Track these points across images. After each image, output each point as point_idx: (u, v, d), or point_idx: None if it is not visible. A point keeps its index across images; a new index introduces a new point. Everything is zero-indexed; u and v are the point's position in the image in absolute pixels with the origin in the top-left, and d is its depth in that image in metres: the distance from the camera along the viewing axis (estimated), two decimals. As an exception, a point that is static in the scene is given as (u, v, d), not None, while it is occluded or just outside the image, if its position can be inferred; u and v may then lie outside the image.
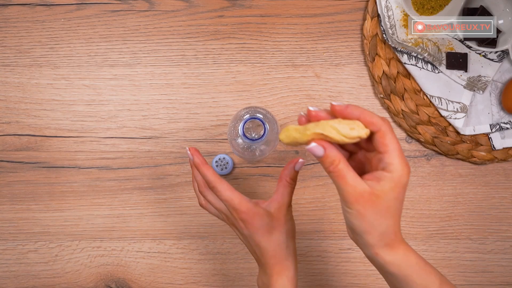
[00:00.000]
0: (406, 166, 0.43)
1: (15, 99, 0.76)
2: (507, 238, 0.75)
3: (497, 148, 0.74)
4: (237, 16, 0.76)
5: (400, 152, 0.43)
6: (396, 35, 0.73)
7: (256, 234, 0.54)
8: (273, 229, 0.55)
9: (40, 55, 0.76)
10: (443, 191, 0.76)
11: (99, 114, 0.75)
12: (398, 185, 0.43)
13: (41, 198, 0.75)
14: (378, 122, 0.43)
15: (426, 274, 0.47)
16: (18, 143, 0.75)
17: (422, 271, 0.47)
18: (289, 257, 0.56)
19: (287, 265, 0.55)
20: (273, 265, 0.55)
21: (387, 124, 0.44)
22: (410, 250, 0.47)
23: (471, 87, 0.74)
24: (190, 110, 0.76)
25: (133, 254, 0.76)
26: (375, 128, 0.43)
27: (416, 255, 0.47)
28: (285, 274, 0.55)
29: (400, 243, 0.46)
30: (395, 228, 0.45)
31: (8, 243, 0.76)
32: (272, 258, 0.55)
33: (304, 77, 0.76)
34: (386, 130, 0.43)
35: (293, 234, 0.57)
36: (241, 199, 0.53)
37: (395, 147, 0.43)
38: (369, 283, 0.76)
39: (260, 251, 0.55)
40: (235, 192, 0.54)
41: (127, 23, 0.76)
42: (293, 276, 0.56)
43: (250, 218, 0.53)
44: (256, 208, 0.54)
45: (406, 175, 0.43)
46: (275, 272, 0.55)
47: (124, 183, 0.76)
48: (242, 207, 0.53)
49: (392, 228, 0.45)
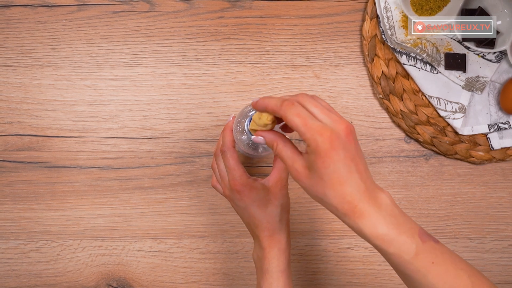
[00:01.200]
0: (318, 134, 0.42)
1: (17, 100, 0.76)
2: (505, 237, 0.76)
3: (495, 148, 0.75)
4: (237, 17, 0.76)
5: (304, 126, 0.43)
6: (395, 36, 0.74)
7: (252, 206, 0.57)
8: (268, 202, 0.58)
9: (41, 56, 0.76)
10: (441, 191, 0.76)
11: (101, 114, 0.76)
12: (320, 155, 0.42)
13: (43, 198, 0.76)
14: (274, 108, 0.46)
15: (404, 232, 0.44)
16: (20, 143, 0.76)
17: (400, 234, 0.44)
18: (282, 230, 0.58)
19: (279, 238, 0.58)
20: (266, 237, 0.58)
21: (286, 105, 0.44)
22: (380, 216, 0.43)
23: (469, 87, 0.74)
24: (190, 111, 0.76)
25: (134, 253, 0.76)
26: (277, 114, 0.45)
27: (389, 218, 0.44)
28: (277, 246, 0.58)
29: (367, 210, 0.43)
30: (346, 195, 0.43)
31: (10, 242, 0.76)
32: (266, 230, 0.58)
33: (303, 78, 0.76)
34: (284, 112, 0.44)
35: (287, 209, 0.60)
36: (243, 172, 0.57)
37: (297, 123, 0.43)
38: (368, 282, 0.76)
39: (254, 223, 0.58)
40: (240, 165, 0.57)
41: (128, 24, 0.76)
42: (285, 248, 0.58)
43: (248, 190, 0.57)
44: (254, 183, 0.57)
45: (323, 143, 0.42)
46: (267, 244, 0.58)
47: (125, 183, 0.76)
48: (242, 179, 0.56)
49: (340, 197, 0.43)
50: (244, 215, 0.59)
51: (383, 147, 0.76)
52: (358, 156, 0.44)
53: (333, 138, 0.42)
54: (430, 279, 0.44)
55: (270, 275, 0.57)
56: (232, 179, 0.57)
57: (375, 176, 0.76)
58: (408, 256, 0.44)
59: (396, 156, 0.76)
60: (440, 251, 0.45)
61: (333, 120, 0.44)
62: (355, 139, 0.44)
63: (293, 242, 0.76)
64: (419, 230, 0.45)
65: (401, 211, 0.45)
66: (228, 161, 0.57)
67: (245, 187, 0.56)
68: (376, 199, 0.44)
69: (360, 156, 0.44)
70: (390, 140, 0.76)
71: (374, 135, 0.76)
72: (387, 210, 0.44)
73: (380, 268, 0.76)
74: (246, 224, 0.60)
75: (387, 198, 0.45)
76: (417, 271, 0.44)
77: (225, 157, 0.57)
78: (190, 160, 0.76)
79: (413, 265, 0.44)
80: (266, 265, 0.58)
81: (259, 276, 0.59)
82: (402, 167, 0.76)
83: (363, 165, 0.44)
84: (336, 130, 0.43)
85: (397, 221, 0.44)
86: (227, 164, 0.57)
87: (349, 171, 0.43)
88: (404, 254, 0.44)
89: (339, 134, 0.43)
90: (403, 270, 0.45)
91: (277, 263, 0.57)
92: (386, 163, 0.76)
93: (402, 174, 0.76)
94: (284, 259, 0.58)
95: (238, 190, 0.57)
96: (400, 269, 0.45)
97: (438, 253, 0.44)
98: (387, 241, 0.43)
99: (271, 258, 0.57)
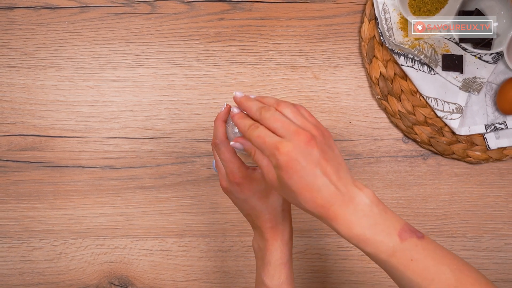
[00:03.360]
0: (275, 149, 0.44)
1: (21, 100, 0.77)
2: (502, 236, 0.77)
3: (492, 148, 0.76)
4: (237, 19, 0.77)
5: (263, 144, 0.46)
6: (393, 37, 0.75)
7: (252, 198, 0.55)
8: (270, 192, 0.55)
9: (44, 57, 0.77)
10: (439, 190, 0.77)
11: (103, 115, 0.77)
12: (281, 168, 0.44)
13: (46, 197, 0.77)
14: (242, 130, 0.49)
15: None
16: (23, 143, 0.77)
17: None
18: (284, 221, 0.56)
19: (282, 229, 0.56)
20: (268, 229, 0.56)
21: (250, 130, 0.47)
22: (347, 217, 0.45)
23: (466, 88, 0.75)
24: (191, 111, 0.77)
25: (136, 251, 0.77)
26: (244, 136, 0.49)
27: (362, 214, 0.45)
28: (280, 237, 0.56)
29: (340, 212, 0.44)
30: (317, 199, 0.44)
31: (13, 241, 0.77)
32: (268, 221, 0.56)
33: (303, 79, 0.77)
34: (248, 137, 0.48)
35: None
36: (241, 164, 0.54)
37: (257, 143, 0.46)
38: (367, 280, 0.77)
39: (255, 215, 0.56)
40: (236, 156, 0.54)
41: (130, 25, 0.77)
42: (288, 240, 0.56)
43: (248, 182, 0.54)
44: (254, 173, 0.55)
45: (280, 156, 0.44)
46: (270, 235, 0.56)
47: (127, 182, 0.77)
48: (241, 172, 0.54)
49: (312, 202, 0.44)
50: (244, 207, 0.56)
51: (381, 147, 0.77)
52: (324, 160, 0.44)
53: (290, 150, 0.44)
54: (409, 275, 0.44)
55: (272, 267, 0.56)
56: (230, 172, 0.54)
57: (373, 176, 0.77)
58: (384, 255, 0.44)
59: (394, 156, 0.77)
60: (422, 248, 0.45)
61: (292, 132, 0.45)
62: (319, 144, 0.45)
63: (293, 242, 0.77)
64: (401, 227, 0.45)
65: (383, 209, 0.45)
66: (223, 154, 0.54)
67: (245, 179, 0.54)
68: (352, 199, 0.45)
69: (328, 158, 0.45)
70: (388, 140, 0.77)
71: (372, 135, 0.77)
72: (364, 210, 0.44)
73: (378, 266, 0.77)
74: (245, 216, 0.58)
75: (366, 197, 0.45)
76: (396, 268, 0.45)
77: (220, 150, 0.54)
78: (191, 160, 0.77)
79: (391, 263, 0.44)
80: (268, 257, 0.56)
81: (259, 266, 0.57)
82: (400, 166, 0.77)
83: (333, 167, 0.45)
84: (294, 141, 0.44)
85: (374, 221, 0.44)
86: (223, 158, 0.54)
87: (314, 177, 0.44)
88: (381, 253, 0.44)
89: (298, 144, 0.44)
90: (382, 267, 0.46)
91: (280, 255, 0.56)
92: (384, 163, 0.77)
93: (400, 173, 0.77)
94: (286, 251, 0.56)
95: (237, 182, 0.54)
96: (380, 266, 0.46)
97: (420, 250, 0.44)
98: (363, 241, 0.44)
99: (274, 250, 0.56)
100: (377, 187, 0.77)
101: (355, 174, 0.77)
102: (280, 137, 0.45)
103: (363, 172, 0.77)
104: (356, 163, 0.77)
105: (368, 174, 0.77)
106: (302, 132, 0.45)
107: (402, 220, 0.46)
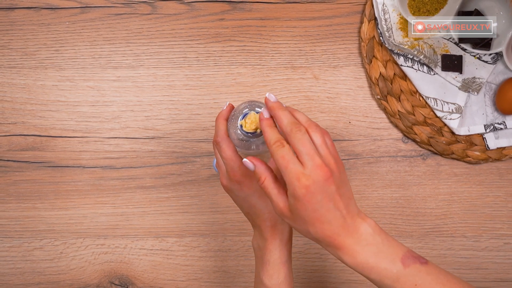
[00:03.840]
0: (296, 179, 0.45)
1: (21, 100, 0.77)
2: (501, 236, 0.77)
3: (491, 148, 0.76)
4: (237, 19, 0.77)
5: (285, 168, 0.46)
6: (393, 37, 0.75)
7: (253, 196, 0.55)
8: None
9: (45, 57, 0.77)
10: (438, 190, 0.77)
11: (103, 115, 0.77)
12: (298, 199, 0.45)
13: (46, 197, 0.77)
14: (266, 140, 0.48)
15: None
16: (24, 143, 0.77)
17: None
18: (284, 220, 0.56)
19: (281, 228, 0.56)
20: (268, 228, 0.56)
21: (276, 146, 0.47)
22: (358, 249, 0.47)
23: (466, 88, 0.75)
24: (191, 111, 0.77)
25: (136, 251, 0.77)
26: (267, 147, 0.48)
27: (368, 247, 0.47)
28: (279, 237, 0.56)
29: (346, 242, 0.47)
30: (326, 231, 0.46)
31: (14, 240, 0.77)
32: (267, 220, 0.56)
33: (302, 79, 0.77)
34: (272, 152, 0.47)
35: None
36: (241, 162, 0.54)
37: (280, 164, 0.46)
38: (366, 280, 0.77)
39: (255, 213, 0.56)
40: (237, 154, 0.54)
41: (130, 26, 0.77)
42: (287, 239, 0.57)
43: (248, 180, 0.54)
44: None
45: (299, 188, 0.45)
46: (269, 235, 0.56)
47: (127, 182, 0.77)
48: (242, 170, 0.54)
49: (321, 233, 0.46)
50: (244, 206, 0.57)
51: (381, 147, 0.77)
52: (338, 195, 0.46)
53: (309, 184, 0.45)
54: None
55: (271, 267, 0.56)
56: (231, 170, 0.54)
57: (373, 176, 0.77)
58: (389, 281, 0.46)
59: (394, 156, 0.77)
60: (426, 273, 0.46)
61: (315, 165, 0.45)
62: (335, 180, 0.46)
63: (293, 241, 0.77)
64: (404, 254, 0.47)
65: (385, 237, 0.48)
66: (224, 152, 0.54)
67: (245, 177, 0.54)
68: (357, 230, 0.47)
69: (341, 193, 0.47)
70: (388, 140, 0.77)
71: (372, 135, 0.77)
72: (367, 239, 0.47)
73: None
74: (245, 214, 0.58)
75: (369, 227, 0.47)
76: None
77: (220, 148, 0.54)
78: (191, 160, 0.77)
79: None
80: (267, 256, 0.56)
81: (258, 266, 0.57)
82: (400, 166, 0.77)
83: (344, 201, 0.47)
84: (314, 175, 0.45)
85: (377, 249, 0.47)
86: (223, 155, 0.54)
87: (327, 211, 0.46)
88: (385, 279, 0.46)
89: (317, 179, 0.45)
90: None
91: (279, 254, 0.56)
92: (384, 162, 0.77)
93: (400, 173, 0.77)
94: (286, 250, 0.56)
95: (238, 180, 0.54)
96: None
97: (423, 275, 0.46)
98: (367, 269, 0.46)
99: (273, 249, 0.56)
100: (377, 187, 0.77)
101: (355, 174, 0.77)
102: (301, 163, 0.46)
103: (363, 172, 0.77)
104: (356, 163, 0.77)
105: (368, 174, 0.77)
106: (324, 168, 0.46)
107: (404, 247, 0.48)
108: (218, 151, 0.55)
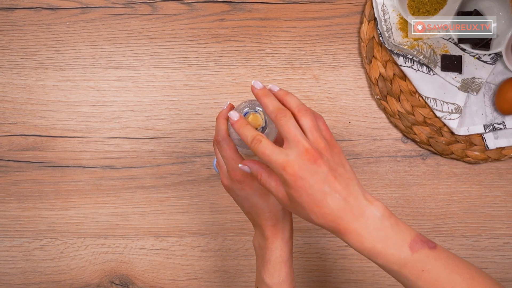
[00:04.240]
0: (281, 169, 0.45)
1: (22, 100, 0.77)
2: (500, 235, 0.77)
3: (491, 148, 0.76)
4: (237, 20, 0.77)
5: (270, 162, 0.46)
6: (393, 38, 0.75)
7: (253, 196, 0.55)
8: None
9: (46, 58, 0.77)
10: (438, 190, 0.78)
11: (103, 115, 0.77)
12: (290, 186, 0.45)
13: (47, 197, 0.77)
14: (244, 139, 0.49)
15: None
16: (25, 143, 0.77)
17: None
18: (285, 219, 0.56)
19: (282, 227, 0.56)
20: (269, 227, 0.56)
21: (256, 140, 0.47)
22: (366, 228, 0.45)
23: (465, 88, 0.75)
24: (192, 111, 0.77)
25: (137, 251, 0.77)
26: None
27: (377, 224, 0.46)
28: (280, 236, 0.56)
29: (351, 226, 0.45)
30: (327, 215, 0.45)
31: (15, 240, 0.78)
32: (268, 219, 0.56)
33: (302, 79, 0.77)
34: (253, 148, 0.48)
35: None
36: (242, 161, 0.54)
37: (264, 160, 0.47)
38: (366, 279, 0.78)
39: (256, 213, 0.56)
40: (238, 154, 0.54)
41: (130, 26, 0.78)
42: (288, 238, 0.57)
43: (249, 180, 0.54)
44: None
45: (287, 176, 0.45)
46: (270, 234, 0.56)
47: (127, 182, 0.77)
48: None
49: (322, 218, 0.45)
50: (244, 205, 0.57)
51: (381, 147, 0.77)
52: (332, 176, 0.45)
53: (296, 170, 0.44)
54: (420, 285, 0.45)
55: (272, 266, 0.56)
56: (232, 170, 0.54)
57: (373, 176, 0.77)
58: (396, 266, 0.45)
59: (393, 156, 0.78)
60: (434, 258, 0.45)
61: (300, 150, 0.45)
62: (326, 162, 0.45)
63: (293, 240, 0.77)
64: (412, 239, 0.46)
65: (394, 221, 0.46)
66: (225, 151, 0.54)
67: (246, 177, 0.54)
68: (362, 213, 0.45)
69: (336, 175, 0.45)
70: (388, 140, 0.78)
71: (371, 135, 0.77)
72: (374, 224, 0.45)
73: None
74: (246, 213, 0.58)
75: (377, 211, 0.46)
76: (407, 279, 0.45)
77: (221, 147, 0.54)
78: (192, 159, 0.77)
79: (402, 274, 0.45)
80: (268, 255, 0.56)
81: (259, 265, 0.57)
82: (399, 166, 0.78)
83: (342, 183, 0.45)
84: (299, 161, 0.45)
85: (385, 234, 0.45)
86: (224, 155, 0.54)
87: (323, 194, 0.45)
88: (392, 265, 0.45)
89: (304, 163, 0.45)
90: (394, 276, 0.47)
91: (280, 253, 0.56)
92: (384, 162, 0.77)
93: (399, 173, 0.78)
94: (287, 249, 0.56)
95: (239, 180, 0.54)
96: (392, 276, 0.47)
97: (432, 260, 0.45)
98: (374, 254, 0.45)
99: (274, 248, 0.56)
100: (376, 187, 0.78)
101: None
102: (286, 151, 0.46)
103: (363, 172, 0.77)
104: (356, 163, 0.77)
105: (368, 174, 0.77)
106: (311, 151, 0.45)
107: (414, 231, 0.47)
108: (219, 151, 0.55)
